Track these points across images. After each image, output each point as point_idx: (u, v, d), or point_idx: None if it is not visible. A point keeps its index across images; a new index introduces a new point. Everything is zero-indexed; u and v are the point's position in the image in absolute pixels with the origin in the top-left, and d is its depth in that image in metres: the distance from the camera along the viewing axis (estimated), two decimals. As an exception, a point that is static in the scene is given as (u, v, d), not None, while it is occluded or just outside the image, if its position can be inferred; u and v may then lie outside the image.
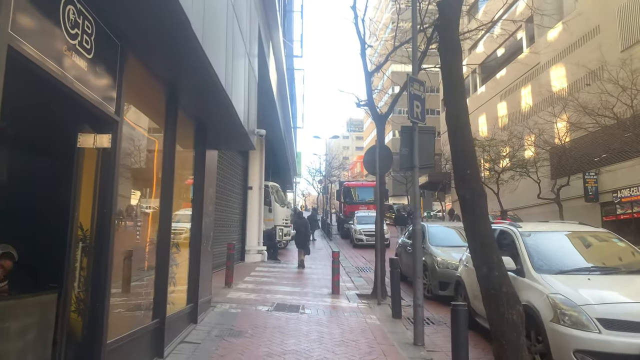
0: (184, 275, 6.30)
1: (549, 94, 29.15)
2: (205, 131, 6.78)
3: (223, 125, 6.58)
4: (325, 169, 46.88)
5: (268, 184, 18.24)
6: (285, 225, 18.70)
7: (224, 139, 7.45)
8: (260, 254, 15.44)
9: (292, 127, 19.61)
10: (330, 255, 18.93)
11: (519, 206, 30.85)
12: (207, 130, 6.81)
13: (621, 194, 22.62)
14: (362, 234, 21.63)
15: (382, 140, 9.19)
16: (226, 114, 6.00)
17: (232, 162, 14.18)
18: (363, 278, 12.11)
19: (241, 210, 15.23)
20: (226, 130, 6.81)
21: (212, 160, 7.49)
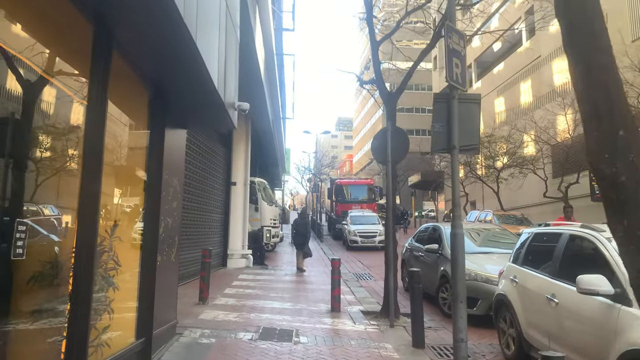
0: (129, 300, 4.48)
1: (550, 88, 27.79)
2: (165, 101, 4.96)
3: (188, 89, 4.76)
4: (315, 167, 45.06)
5: (254, 180, 16.40)
6: (273, 225, 16.89)
7: (193, 112, 5.63)
8: (245, 258, 13.61)
9: (281, 117, 17.79)
10: (324, 259, 17.23)
11: (517, 205, 29.39)
12: (168, 98, 4.98)
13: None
14: (356, 235, 19.91)
15: (394, 122, 7.44)
16: (191, 70, 4.20)
17: (213, 152, 12.33)
18: (365, 289, 10.36)
19: (223, 209, 13.38)
20: (193, 97, 4.99)
21: (177, 142, 5.66)
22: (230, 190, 13.60)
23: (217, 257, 12.84)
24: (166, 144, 5.05)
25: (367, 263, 15.44)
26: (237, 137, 13.89)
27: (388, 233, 7.42)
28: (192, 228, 10.62)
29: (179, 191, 5.74)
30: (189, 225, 10.36)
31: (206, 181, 11.74)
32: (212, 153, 12.39)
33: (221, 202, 13.18)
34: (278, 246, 20.73)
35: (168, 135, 5.13)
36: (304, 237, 13.47)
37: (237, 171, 13.76)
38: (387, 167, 7.11)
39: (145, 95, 4.76)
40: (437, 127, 4.74)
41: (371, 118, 75.86)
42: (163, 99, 4.91)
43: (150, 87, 4.74)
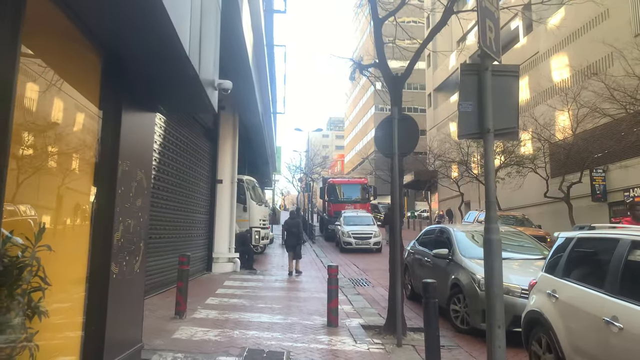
0: (70, 326, 3.45)
1: (549, 85, 27.09)
2: (121, 70, 3.93)
3: (151, 53, 3.74)
4: (307, 166, 44.04)
5: (243, 178, 15.37)
6: (262, 226, 15.86)
7: (161, 88, 4.60)
8: (232, 262, 12.56)
9: (271, 112, 16.75)
10: (317, 262, 16.22)
11: (514, 206, 28.70)
12: (126, 67, 3.95)
13: (634, 192, 20.53)
14: (350, 236, 18.95)
15: (400, 108, 6.47)
16: (151, 26, 3.19)
17: (196, 146, 11.28)
18: (362, 297, 9.38)
19: (208, 208, 12.33)
20: (158, 66, 3.97)
21: (143, 126, 4.63)
22: (216, 188, 12.55)
23: (201, 262, 11.79)
24: (125, 127, 4.02)
25: (362, 267, 14.47)
26: (224, 131, 12.84)
27: (394, 236, 6.45)
28: (172, 230, 9.57)
29: (145, 187, 4.72)
30: (169, 227, 9.32)
31: (189, 178, 10.69)
32: (196, 147, 11.34)
33: (206, 201, 12.14)
34: (268, 248, 19.71)
35: (128, 116, 4.10)
36: (297, 237, 12.85)
37: (224, 168, 12.72)
38: (393, 160, 6.14)
39: (96, 62, 3.74)
40: (465, 106, 3.78)
41: (363, 117, 75.08)
42: (118, 68, 3.87)
43: (101, 51, 3.71)
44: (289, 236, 13.20)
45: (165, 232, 9.05)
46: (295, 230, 13.08)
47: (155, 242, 8.45)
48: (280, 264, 15.05)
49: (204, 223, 11.95)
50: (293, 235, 13.01)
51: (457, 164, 31.82)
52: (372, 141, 66.51)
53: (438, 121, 44.91)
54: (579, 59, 24.58)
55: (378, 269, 13.81)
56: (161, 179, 8.79)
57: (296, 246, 12.78)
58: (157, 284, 8.46)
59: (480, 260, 6.93)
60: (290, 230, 13.16)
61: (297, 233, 13.07)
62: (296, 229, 13.12)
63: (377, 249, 19.14)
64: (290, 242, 12.98)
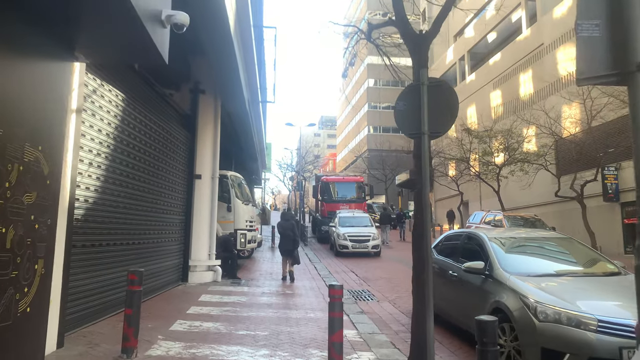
0: None
1: (554, 78, 25.64)
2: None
3: None
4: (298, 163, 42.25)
5: (227, 174, 13.61)
6: (249, 228, 14.10)
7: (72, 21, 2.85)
8: (212, 271, 10.81)
9: (260, 100, 14.99)
10: (310, 268, 14.49)
11: (517, 206, 27.22)
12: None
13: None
14: (347, 239, 17.27)
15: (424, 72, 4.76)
16: None
17: (169, 135, 9.51)
18: (368, 316, 7.68)
19: (184, 208, 10.56)
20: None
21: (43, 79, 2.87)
22: (194, 185, 10.79)
23: (175, 271, 10.02)
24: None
25: (362, 274, 12.78)
26: (204, 119, 11.08)
27: (422, 244, 4.75)
28: (136, 235, 7.81)
29: (48, 174, 2.97)
30: (131, 231, 7.55)
31: (159, 172, 8.93)
32: (168, 136, 9.57)
33: (181, 199, 10.37)
34: (256, 251, 17.96)
35: (7, 62, 2.35)
36: (293, 242, 11.76)
37: (203, 161, 10.95)
38: (422, 140, 4.44)
39: None
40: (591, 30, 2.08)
41: (356, 115, 73.56)
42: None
43: None
44: (283, 240, 11.92)
45: (125, 238, 7.29)
46: (290, 234, 11.83)
47: (109, 251, 6.68)
48: (269, 271, 13.31)
49: (178, 225, 10.18)
50: (288, 239, 11.78)
51: (453, 162, 30.34)
52: (365, 139, 65.24)
53: (434, 118, 43.31)
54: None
55: (381, 278, 12.13)
56: (119, 172, 7.02)
57: (293, 251, 11.65)
58: (111, 302, 6.69)
59: (533, 278, 5.29)
60: (285, 234, 11.90)
61: (292, 237, 11.82)
62: (291, 232, 11.85)
63: (375, 253, 17.48)
64: (285, 247, 11.75)
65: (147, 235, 8.34)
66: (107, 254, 6.60)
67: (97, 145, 6.33)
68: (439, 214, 42.25)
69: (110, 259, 6.69)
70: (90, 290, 6.09)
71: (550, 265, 5.75)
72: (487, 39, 35.61)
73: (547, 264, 5.83)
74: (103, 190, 6.48)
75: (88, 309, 6.02)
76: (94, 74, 6.19)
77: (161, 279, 8.97)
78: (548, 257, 5.97)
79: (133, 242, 7.66)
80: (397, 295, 9.73)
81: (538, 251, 6.08)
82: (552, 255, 6.00)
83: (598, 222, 20.26)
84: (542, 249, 6.10)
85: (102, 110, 6.48)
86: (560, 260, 5.90)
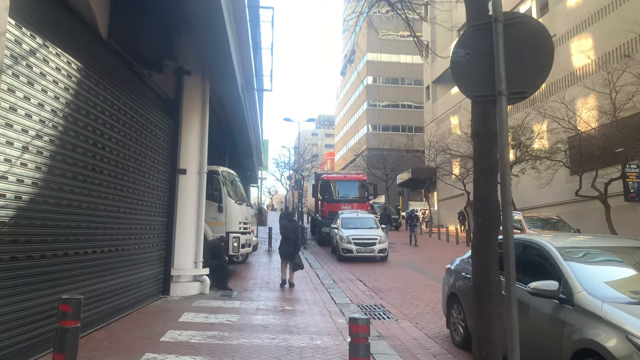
0: None
1: (567, 71, 24.20)
2: None
3: None
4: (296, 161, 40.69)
5: (218, 170, 12.06)
6: (243, 230, 12.55)
7: None
8: (199, 281, 9.27)
9: (255, 88, 13.43)
10: (312, 275, 12.96)
11: (527, 206, 25.79)
12: None
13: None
14: (351, 242, 15.75)
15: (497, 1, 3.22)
16: None
17: (147, 122, 7.96)
18: (388, 342, 6.15)
19: (165, 208, 9.01)
20: None
21: None
22: (177, 181, 9.24)
23: (154, 283, 8.47)
24: None
25: (371, 283, 11.26)
26: (190, 104, 9.53)
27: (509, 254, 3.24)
28: (102, 241, 6.27)
29: None
30: (94, 238, 6.02)
31: (134, 165, 7.39)
32: (146, 123, 8.02)
33: (161, 198, 8.82)
34: (251, 255, 16.41)
35: None
36: (295, 244, 10.94)
37: (188, 154, 9.40)
38: (498, 104, 2.91)
39: None
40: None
41: (355, 114, 72.15)
42: None
43: None
44: (284, 242, 11.09)
45: (83, 246, 5.74)
46: (292, 236, 11.02)
47: (56, 264, 5.14)
48: (265, 279, 11.78)
49: (158, 229, 8.63)
50: (290, 241, 10.96)
51: (463, 159, 28.86)
52: (364, 138, 63.71)
53: (437, 115, 41.99)
54: (605, 41, 21.75)
55: (393, 288, 10.61)
56: (73, 161, 5.47)
57: (294, 254, 10.75)
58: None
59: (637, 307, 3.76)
60: (287, 235, 11.08)
61: (294, 239, 10.99)
62: (293, 234, 11.07)
63: (382, 258, 15.96)
64: (286, 249, 10.92)
65: (116, 241, 6.80)
66: (51, 269, 5.04)
67: (38, 124, 4.78)
68: (442, 214, 40.83)
69: (56, 275, 5.14)
70: (20, 320, 4.54)
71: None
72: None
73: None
74: (47, 185, 4.93)
75: (16, 344, 4.47)
76: (32, 30, 4.65)
77: (133, 293, 7.42)
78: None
79: (95, 251, 6.11)
80: (417, 311, 8.21)
81: (629, 266, 4.56)
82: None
83: (619, 224, 18.80)
84: (634, 264, 4.58)
85: (46, 80, 4.94)
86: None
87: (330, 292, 9.96)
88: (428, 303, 8.92)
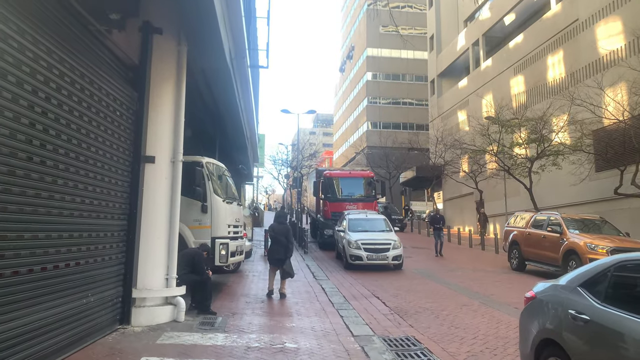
0: None
1: (593, 58, 22.09)
2: None
3: None
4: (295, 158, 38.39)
5: (201, 161, 9.82)
6: (234, 235, 10.31)
7: None
8: (171, 304, 7.02)
9: (249, 64, 11.16)
10: (314, 287, 10.68)
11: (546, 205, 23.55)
12: None
13: None
14: (360, 248, 13.53)
15: None
16: None
17: (98, 91, 5.69)
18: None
19: (126, 208, 6.75)
20: None
21: None
22: (142, 172, 6.99)
23: (108, 308, 6.20)
24: None
25: (392, 301, 9.04)
26: (160, 73, 7.27)
27: None
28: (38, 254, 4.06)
29: None
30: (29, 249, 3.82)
31: (81, 151, 5.16)
32: (100, 94, 5.77)
33: (121, 195, 6.57)
34: (245, 263, 14.18)
35: None
36: (285, 249, 9.60)
37: (158, 136, 7.15)
38: None
39: None
40: None
41: (354, 111, 70.01)
42: None
43: None
44: (274, 246, 9.78)
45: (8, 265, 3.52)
46: (283, 240, 9.65)
47: None
48: (260, 296, 9.55)
49: (115, 235, 6.38)
50: (280, 245, 9.65)
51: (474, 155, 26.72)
52: (364, 136, 61.42)
53: (443, 110, 39.82)
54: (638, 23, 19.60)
55: (422, 309, 8.39)
56: (6, 150, 3.24)
57: (285, 260, 9.50)
58: None
59: None
60: (277, 239, 9.72)
61: (285, 243, 9.63)
62: (284, 238, 9.67)
63: (396, 266, 13.77)
64: (275, 255, 9.66)
65: (51, 256, 4.59)
66: None
67: None
68: (449, 214, 38.67)
69: None
70: None
71: None
72: (504, 21, 32.04)
73: None
74: None
75: None
76: None
77: (75, 327, 5.18)
78: None
79: (18, 272, 3.88)
80: (467, 349, 6.00)
81: None
82: None
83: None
84: None
85: None
86: None
87: (342, 316, 7.74)
88: (476, 334, 6.72)
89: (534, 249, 13.61)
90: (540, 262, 13.36)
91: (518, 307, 8.42)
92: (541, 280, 5.13)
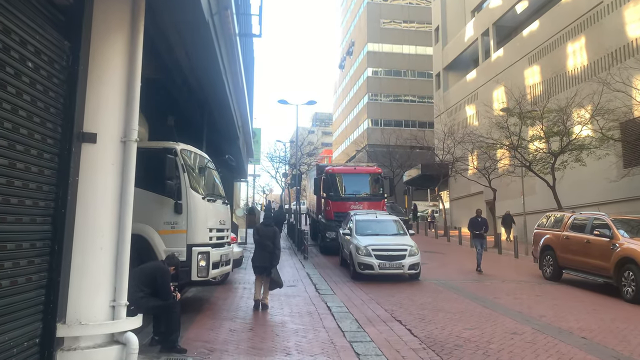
0: None
1: (620, 44, 20.11)
2: None
3: None
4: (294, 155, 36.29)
5: (175, 148, 7.75)
6: (217, 242, 8.23)
7: None
8: (119, 343, 4.94)
9: (236, 31, 9.09)
10: (317, 302, 7.72)
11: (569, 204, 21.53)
12: None
13: None
14: (371, 255, 11.49)
15: None
16: None
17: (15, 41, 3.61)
18: None
19: (51, 207, 4.67)
20: None
21: None
22: (78, 155, 4.92)
23: (16, 357, 4.12)
24: None
25: (421, 329, 6.96)
26: (104, 18, 5.20)
27: None
28: None
29: None
30: None
31: None
32: (16, 44, 3.70)
33: (45, 187, 4.48)
34: (235, 272, 12.13)
35: None
36: (271, 255, 8.40)
37: (101, 107, 5.10)
38: None
39: None
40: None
41: (354, 108, 68.08)
42: None
43: None
44: (259, 251, 8.57)
45: None
46: (269, 244, 8.42)
47: None
48: (248, 320, 7.49)
49: (34, 246, 4.31)
50: (265, 251, 8.43)
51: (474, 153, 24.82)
52: (365, 133, 59.36)
53: (450, 105, 37.84)
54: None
55: (463, 340, 6.33)
56: None
57: (270, 268, 8.28)
58: None
59: None
60: (262, 243, 8.50)
61: (272, 249, 8.41)
62: (271, 242, 8.44)
63: (412, 276, 11.74)
64: (260, 262, 8.45)
65: None
66: None
67: None
68: (455, 215, 36.71)
69: None
70: None
71: None
72: (515, 9, 30.07)
73: None
74: None
75: None
76: None
77: None
78: None
79: None
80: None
81: None
82: None
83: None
84: None
85: None
86: None
87: (359, 353, 5.69)
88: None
89: (574, 256, 11.61)
90: (582, 271, 11.36)
91: (586, 337, 6.38)
92: (588, 293, 3.05)
